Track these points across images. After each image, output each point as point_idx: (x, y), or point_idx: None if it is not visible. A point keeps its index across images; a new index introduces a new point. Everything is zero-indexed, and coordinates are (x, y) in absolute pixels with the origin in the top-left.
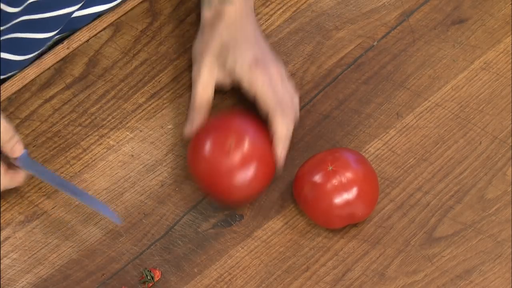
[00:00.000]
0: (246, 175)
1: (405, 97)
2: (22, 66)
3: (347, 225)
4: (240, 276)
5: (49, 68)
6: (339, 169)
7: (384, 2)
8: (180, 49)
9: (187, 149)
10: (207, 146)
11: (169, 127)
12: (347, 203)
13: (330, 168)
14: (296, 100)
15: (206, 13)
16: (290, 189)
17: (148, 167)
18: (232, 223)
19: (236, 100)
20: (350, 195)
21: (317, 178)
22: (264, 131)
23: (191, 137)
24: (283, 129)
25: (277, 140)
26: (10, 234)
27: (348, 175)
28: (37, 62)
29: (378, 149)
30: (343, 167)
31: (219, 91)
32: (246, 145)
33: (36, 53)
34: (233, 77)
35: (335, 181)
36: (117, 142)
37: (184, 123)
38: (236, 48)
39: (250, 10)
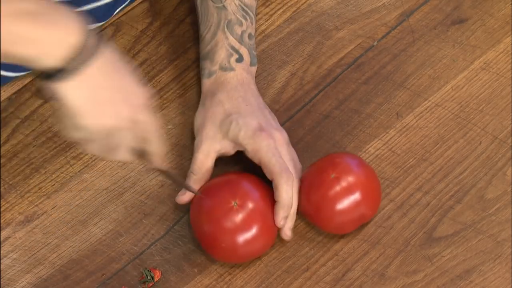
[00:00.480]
0: (249, 234)
1: (405, 97)
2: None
3: (357, 227)
4: (240, 276)
5: None
6: (341, 175)
7: (384, 2)
8: (180, 49)
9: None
10: (211, 205)
11: (169, 127)
12: (354, 207)
13: (333, 176)
14: (299, 166)
15: (206, 82)
16: None
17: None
18: None
19: (239, 159)
20: (356, 199)
21: (321, 189)
22: (268, 191)
23: (183, 203)
24: (287, 196)
25: (278, 207)
26: (10, 234)
27: (351, 179)
28: None
29: (378, 149)
30: (345, 173)
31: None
32: (250, 204)
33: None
34: (237, 145)
35: (339, 188)
36: None
37: (184, 123)
38: (239, 118)
39: (251, 79)
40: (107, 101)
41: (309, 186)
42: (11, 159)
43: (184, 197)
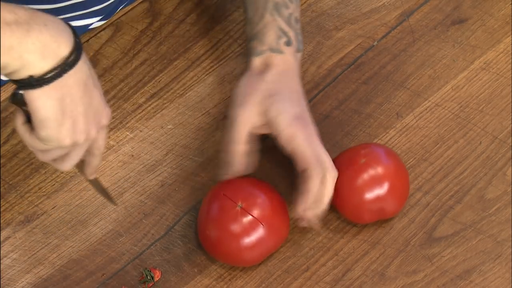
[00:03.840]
0: (254, 238)
1: (405, 97)
2: None
3: (376, 220)
4: (240, 276)
5: None
6: (371, 163)
7: (384, 2)
8: (180, 49)
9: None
10: (216, 210)
11: (169, 127)
12: (378, 198)
13: (363, 161)
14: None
15: (255, 60)
16: (289, 189)
17: (148, 167)
18: None
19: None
20: (381, 190)
21: (349, 171)
22: (273, 195)
23: (227, 178)
24: (314, 189)
25: (301, 198)
26: (10, 234)
27: (380, 169)
28: None
29: None
30: (375, 162)
31: None
32: (255, 209)
33: None
34: (272, 128)
35: (366, 175)
36: (117, 142)
37: (184, 123)
38: (280, 101)
39: (296, 66)
40: (80, 115)
41: (337, 168)
42: (11, 159)
43: (229, 171)
